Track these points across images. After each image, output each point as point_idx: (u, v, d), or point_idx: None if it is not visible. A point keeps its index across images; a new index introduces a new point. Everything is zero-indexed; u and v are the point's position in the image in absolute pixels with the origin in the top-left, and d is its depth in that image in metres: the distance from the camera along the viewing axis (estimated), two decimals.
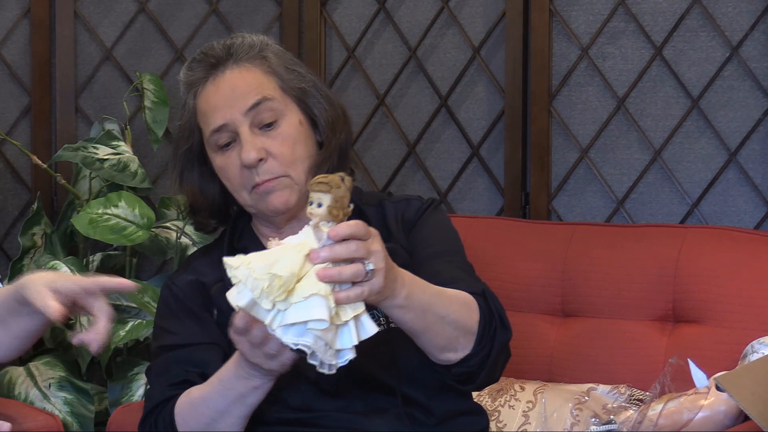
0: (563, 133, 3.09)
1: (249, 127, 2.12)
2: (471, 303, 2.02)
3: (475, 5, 3.18)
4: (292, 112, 2.15)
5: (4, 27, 3.31)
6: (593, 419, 2.42)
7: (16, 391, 2.84)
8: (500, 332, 2.04)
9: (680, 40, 3.00)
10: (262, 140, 2.12)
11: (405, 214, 2.21)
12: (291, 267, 1.75)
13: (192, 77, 2.18)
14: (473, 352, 2.01)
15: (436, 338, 1.97)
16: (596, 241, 2.72)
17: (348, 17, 3.28)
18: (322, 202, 1.78)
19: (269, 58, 2.17)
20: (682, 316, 2.60)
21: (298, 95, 2.17)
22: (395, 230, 2.18)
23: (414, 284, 1.93)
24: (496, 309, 2.05)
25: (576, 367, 2.62)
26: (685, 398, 2.27)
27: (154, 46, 3.35)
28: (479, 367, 2.02)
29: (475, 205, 3.18)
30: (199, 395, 2.03)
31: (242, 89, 2.13)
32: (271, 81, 2.15)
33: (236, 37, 2.20)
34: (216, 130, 2.14)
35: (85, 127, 3.31)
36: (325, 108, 2.19)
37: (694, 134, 3.00)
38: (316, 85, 2.20)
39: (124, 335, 2.88)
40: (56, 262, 2.91)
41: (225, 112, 2.12)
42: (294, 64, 2.20)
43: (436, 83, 3.21)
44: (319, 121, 2.18)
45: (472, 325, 2.00)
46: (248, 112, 2.12)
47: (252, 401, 1.99)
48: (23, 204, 3.33)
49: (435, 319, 1.95)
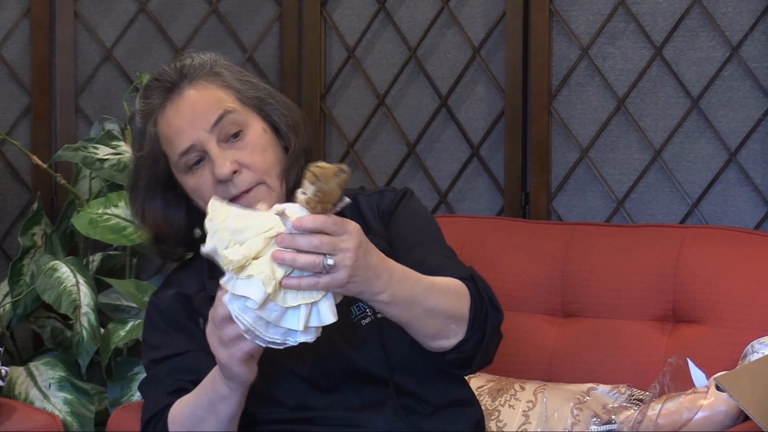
0: (563, 133, 3.10)
1: (216, 142, 2.12)
2: (462, 290, 2.04)
3: (475, 5, 3.18)
4: (255, 121, 2.16)
5: (4, 27, 3.31)
6: (593, 419, 2.43)
7: (16, 391, 2.84)
8: (492, 314, 2.05)
9: (680, 40, 3.00)
10: (232, 153, 2.12)
11: (380, 206, 2.23)
12: (246, 250, 1.79)
13: (149, 105, 2.17)
14: (466, 338, 2.02)
15: (424, 329, 1.99)
16: (596, 241, 2.72)
17: (348, 17, 3.28)
18: (306, 191, 1.82)
19: (222, 73, 2.18)
20: (682, 316, 2.60)
21: (256, 104, 2.18)
22: (373, 222, 2.20)
23: (402, 281, 1.94)
24: (485, 292, 2.07)
25: (576, 366, 2.62)
26: (685, 398, 2.27)
27: (154, 46, 3.35)
28: (474, 351, 2.04)
29: (475, 205, 3.18)
30: (185, 403, 2.05)
31: (202, 107, 2.13)
32: (229, 94, 2.16)
33: (185, 57, 2.20)
34: (184, 152, 2.13)
35: (85, 127, 3.31)
36: (283, 113, 2.20)
37: (694, 134, 3.00)
38: (271, 93, 2.22)
39: (123, 335, 2.88)
40: (56, 262, 2.91)
41: (190, 132, 2.12)
42: (246, 76, 2.22)
43: (436, 83, 3.21)
44: (281, 127, 2.19)
45: (464, 312, 2.02)
46: (213, 128, 2.12)
47: (222, 411, 1.99)
48: (23, 204, 3.33)
49: (423, 312, 1.97)
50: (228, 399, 1.98)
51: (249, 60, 3.31)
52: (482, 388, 2.58)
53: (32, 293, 2.96)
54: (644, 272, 2.63)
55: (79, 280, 2.88)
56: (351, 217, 2.05)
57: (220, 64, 2.20)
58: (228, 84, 2.17)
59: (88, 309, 2.84)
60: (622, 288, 2.65)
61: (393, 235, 2.19)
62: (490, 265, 2.73)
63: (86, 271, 2.92)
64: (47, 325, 3.08)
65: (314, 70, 3.27)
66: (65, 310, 2.83)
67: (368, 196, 2.25)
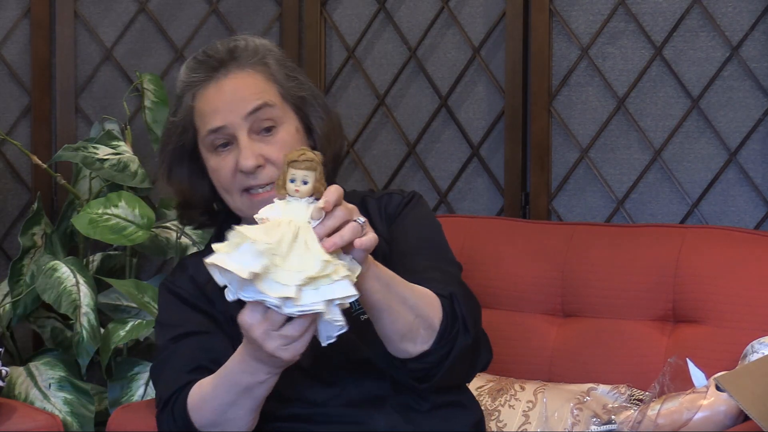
0: (563, 133, 3.09)
1: (247, 132, 2.13)
2: (434, 299, 2.03)
3: (475, 5, 3.18)
4: (290, 119, 2.17)
5: (4, 27, 3.31)
6: (593, 419, 2.42)
7: (16, 391, 2.84)
8: (461, 336, 2.03)
9: (680, 40, 3.00)
10: (260, 146, 2.13)
11: (387, 208, 2.24)
12: (299, 265, 1.80)
13: (192, 78, 2.19)
14: (431, 349, 2.01)
15: (398, 322, 1.98)
16: (596, 241, 2.72)
17: (348, 17, 3.28)
18: (308, 179, 1.82)
19: (271, 64, 2.19)
20: (682, 316, 2.60)
21: (297, 103, 2.19)
22: (379, 224, 2.20)
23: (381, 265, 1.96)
24: (461, 312, 2.05)
25: (576, 366, 2.62)
26: (685, 398, 2.27)
27: (154, 47, 3.35)
28: (436, 367, 2.03)
29: (475, 205, 3.18)
30: (209, 389, 2.03)
31: (243, 93, 2.14)
32: (272, 88, 2.17)
33: (239, 39, 2.21)
34: (213, 131, 2.14)
35: (85, 127, 3.31)
36: (321, 117, 2.20)
37: (694, 134, 3.00)
38: (314, 94, 2.22)
39: (123, 335, 2.88)
40: (56, 262, 2.91)
41: (225, 114, 2.13)
42: (294, 71, 2.22)
43: (436, 83, 3.21)
44: (315, 131, 2.19)
45: (433, 319, 2.01)
46: (248, 117, 2.13)
47: (259, 394, 1.99)
48: (23, 204, 3.33)
49: (398, 298, 1.96)
50: (267, 381, 1.96)
51: None
52: (482, 388, 2.58)
53: (32, 293, 2.96)
54: (644, 272, 2.63)
55: (79, 280, 2.88)
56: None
57: (272, 54, 2.20)
58: (274, 77, 2.17)
59: (88, 309, 2.84)
60: (622, 288, 2.65)
61: (393, 237, 2.19)
62: (490, 265, 2.73)
63: (86, 271, 2.92)
64: (47, 325, 3.08)
65: (314, 70, 3.27)
66: (65, 310, 2.83)
67: (377, 199, 2.25)
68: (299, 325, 1.84)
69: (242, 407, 2.00)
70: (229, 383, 1.99)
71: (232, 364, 1.98)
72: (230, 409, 2.00)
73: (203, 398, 2.03)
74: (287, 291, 1.80)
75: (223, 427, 2.02)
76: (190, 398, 2.05)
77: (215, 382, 2.02)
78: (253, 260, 1.80)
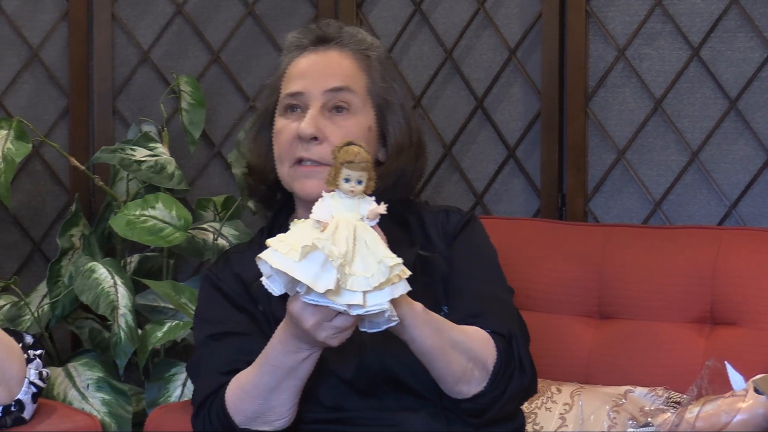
0: (600, 135, 3.09)
1: (321, 105, 2.15)
2: (488, 340, 2.03)
3: (511, 6, 3.17)
4: (367, 115, 2.17)
5: (42, 30, 3.33)
6: (630, 422, 2.42)
7: (54, 392, 2.85)
8: (517, 376, 2.04)
9: (718, 41, 2.99)
10: (325, 123, 2.14)
11: (445, 226, 2.23)
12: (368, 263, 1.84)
13: (296, 42, 2.23)
14: (485, 390, 2.02)
15: (451, 365, 1.98)
16: (633, 243, 2.71)
17: (384, 19, 3.28)
18: (362, 179, 1.85)
19: (371, 58, 2.21)
20: (719, 318, 2.59)
21: (379, 103, 2.19)
22: (436, 240, 2.20)
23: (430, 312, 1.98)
24: (518, 353, 2.05)
25: (613, 369, 2.61)
26: (723, 401, 2.26)
27: (191, 48, 3.36)
28: (490, 406, 2.03)
29: (511, 207, 3.18)
30: (249, 378, 2.03)
31: (332, 70, 2.17)
32: (362, 78, 2.18)
33: (353, 28, 2.26)
34: (291, 94, 2.18)
35: (123, 129, 3.32)
36: (401, 129, 2.20)
37: (731, 135, 2.98)
38: (404, 107, 2.22)
39: (161, 336, 2.89)
40: (94, 264, 2.93)
41: (308, 82, 2.16)
42: (392, 79, 2.23)
43: (472, 84, 3.20)
44: (389, 138, 2.19)
45: (487, 361, 2.01)
46: (326, 93, 2.15)
47: (303, 373, 2.00)
48: (61, 206, 3.35)
49: (450, 342, 1.97)
50: (310, 358, 1.97)
51: None
52: None
53: (70, 294, 2.97)
54: (682, 274, 2.62)
55: (117, 282, 2.89)
56: (415, 230, 2.08)
57: (377, 52, 2.23)
58: (369, 69, 2.19)
59: (125, 310, 2.85)
60: (659, 290, 2.64)
61: (452, 259, 2.19)
62: (526, 266, 2.72)
63: (124, 273, 2.94)
64: (85, 326, 3.10)
65: None
66: (103, 311, 2.85)
67: (434, 213, 2.25)
68: (352, 319, 1.87)
69: (285, 391, 2.00)
70: (273, 367, 1.99)
71: (272, 349, 1.99)
72: (272, 395, 2.01)
73: (243, 389, 2.04)
74: (356, 298, 1.82)
75: (266, 417, 2.02)
76: (228, 394, 2.05)
77: (255, 370, 2.02)
78: (324, 273, 1.81)
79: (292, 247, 1.82)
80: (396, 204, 2.18)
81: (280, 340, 1.96)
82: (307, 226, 1.86)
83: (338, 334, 1.89)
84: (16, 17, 3.31)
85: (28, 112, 3.30)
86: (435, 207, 2.28)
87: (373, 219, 1.87)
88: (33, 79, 3.34)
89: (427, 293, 2.13)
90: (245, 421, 2.03)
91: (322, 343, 1.91)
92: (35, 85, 3.34)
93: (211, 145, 3.35)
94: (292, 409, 2.03)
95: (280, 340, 1.97)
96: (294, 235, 1.85)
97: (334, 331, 1.88)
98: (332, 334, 1.88)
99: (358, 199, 1.86)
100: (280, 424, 2.03)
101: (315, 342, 1.91)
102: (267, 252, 1.84)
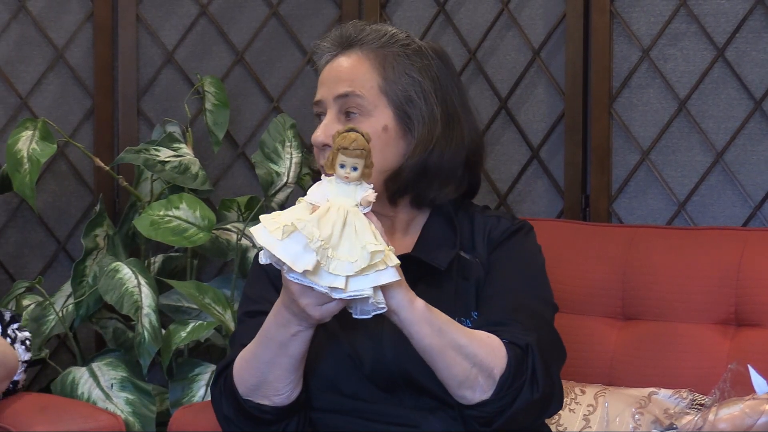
0: (624, 135, 3.08)
1: (336, 111, 2.17)
2: (497, 348, 2.01)
3: (535, 7, 3.17)
4: (381, 115, 2.16)
5: (67, 31, 3.34)
6: (654, 423, 2.41)
7: (79, 391, 2.86)
8: (527, 390, 2.01)
9: (743, 41, 2.97)
10: (340, 128, 2.13)
11: (492, 232, 2.21)
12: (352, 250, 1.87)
13: (320, 47, 2.25)
14: (491, 399, 1.99)
15: (452, 367, 1.97)
16: (657, 244, 2.70)
17: (408, 19, 3.28)
18: (358, 166, 1.88)
19: (390, 54, 2.19)
20: (744, 319, 2.58)
21: (398, 100, 2.17)
22: (479, 243, 2.19)
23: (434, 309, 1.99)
24: (532, 365, 2.02)
25: (637, 370, 2.60)
26: (746, 403, 2.26)
27: (215, 49, 3.37)
28: (497, 415, 2.01)
29: (535, 208, 3.17)
30: (249, 350, 2.07)
31: (343, 76, 2.18)
32: (373, 78, 2.17)
33: (376, 22, 2.27)
34: (314, 103, 2.21)
35: (147, 130, 3.33)
36: (424, 123, 2.17)
37: (756, 136, 2.97)
38: (427, 98, 2.18)
39: (185, 336, 2.90)
40: (118, 264, 2.94)
41: (324, 90, 2.19)
42: (421, 71, 2.19)
43: (495, 85, 3.20)
44: (414, 134, 2.17)
45: (493, 370, 1.99)
46: (337, 99, 2.17)
47: (294, 351, 2.01)
48: (86, 206, 3.36)
49: (452, 344, 1.97)
50: (299, 336, 1.99)
51: (309, 63, 3.32)
52: None
53: (95, 294, 2.99)
54: (706, 275, 2.61)
55: (141, 282, 2.90)
56: (463, 234, 2.08)
57: (398, 46, 2.20)
58: (382, 66, 2.18)
59: (149, 310, 2.86)
60: (683, 291, 2.63)
61: (491, 265, 2.17)
62: (550, 267, 2.70)
63: (147, 273, 2.95)
64: (109, 325, 3.11)
65: None
66: (127, 311, 2.85)
67: (486, 218, 2.23)
68: (342, 304, 1.91)
69: (279, 367, 2.02)
70: (267, 339, 2.02)
71: (268, 321, 2.03)
72: (268, 369, 2.03)
73: (246, 359, 2.07)
74: (337, 282, 1.85)
75: (263, 391, 2.05)
76: (235, 365, 2.09)
77: (255, 342, 2.06)
78: (306, 254, 1.85)
79: (278, 226, 1.85)
80: (448, 204, 2.20)
81: (274, 312, 2.01)
82: (301, 207, 1.90)
83: (331, 314, 1.94)
84: (41, 18, 3.33)
85: (53, 113, 3.31)
86: (491, 212, 2.26)
87: (366, 206, 1.89)
88: (58, 79, 3.35)
89: (459, 295, 2.13)
90: (247, 392, 2.06)
91: (309, 317, 1.94)
92: (60, 86, 3.35)
93: (235, 146, 3.35)
94: (290, 386, 2.05)
95: (274, 311, 2.01)
96: (285, 214, 1.89)
97: (325, 313, 1.93)
98: (325, 314, 1.94)
99: (355, 185, 1.89)
100: (278, 400, 2.05)
101: (303, 315, 1.94)
102: (256, 227, 1.88)
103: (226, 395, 2.10)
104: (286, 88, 3.33)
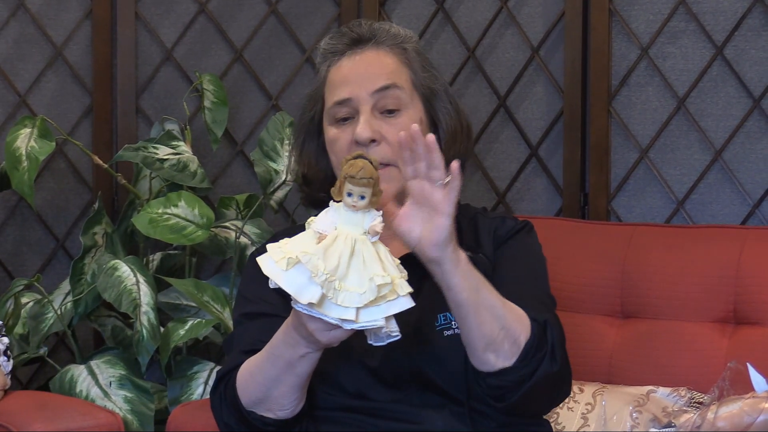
0: (623, 134, 3.08)
1: (371, 108, 2.14)
2: (524, 317, 2.02)
3: (534, 5, 3.17)
4: (416, 108, 2.17)
5: (66, 28, 3.34)
6: (652, 422, 2.41)
7: (77, 389, 2.86)
8: (547, 361, 2.02)
9: (741, 39, 2.97)
10: (380, 124, 2.13)
11: (498, 230, 2.22)
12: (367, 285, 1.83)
13: (331, 47, 2.21)
14: (512, 366, 1.99)
15: (483, 326, 1.96)
16: (656, 242, 2.70)
17: (407, 17, 3.28)
18: (365, 195, 1.83)
19: (409, 51, 2.20)
20: (743, 317, 2.58)
21: (426, 94, 2.19)
22: (485, 243, 2.19)
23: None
24: (552, 339, 2.03)
25: (635, 368, 2.61)
26: (745, 401, 2.26)
27: (214, 47, 3.37)
28: (515, 387, 2.01)
29: (533, 206, 3.17)
30: (255, 363, 2.05)
31: (375, 70, 2.16)
32: (405, 72, 2.18)
33: (384, 23, 2.25)
34: (338, 103, 2.16)
35: (146, 128, 3.33)
36: (450, 114, 2.19)
37: (755, 134, 2.97)
38: (448, 91, 2.22)
39: (183, 334, 2.90)
40: (117, 262, 2.94)
41: (353, 87, 2.15)
42: (431, 66, 2.23)
43: (494, 83, 3.20)
44: (441, 126, 2.18)
45: (519, 335, 2.00)
46: (374, 94, 2.14)
47: (301, 371, 2.00)
48: (84, 203, 3.36)
49: (485, 303, 1.96)
50: (307, 357, 1.98)
51: (308, 61, 3.32)
52: None
53: (93, 292, 2.99)
54: (705, 273, 2.61)
55: (139, 280, 2.90)
56: (468, 237, 2.07)
57: (412, 42, 2.22)
58: (409, 62, 2.19)
59: (148, 308, 2.86)
60: (682, 289, 2.63)
61: (498, 261, 2.18)
62: (549, 265, 2.71)
63: (146, 271, 2.95)
64: (108, 323, 3.11)
65: None
66: (125, 309, 2.85)
67: (489, 219, 2.24)
68: (346, 332, 1.88)
69: (285, 384, 2.01)
70: (274, 356, 2.00)
71: (276, 338, 2.00)
72: (274, 385, 2.01)
73: (250, 372, 2.05)
74: (347, 314, 1.82)
75: (267, 404, 2.03)
76: (239, 374, 2.07)
77: (261, 356, 2.04)
78: (311, 286, 1.81)
79: (283, 256, 1.82)
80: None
81: (283, 331, 1.99)
82: (308, 236, 1.85)
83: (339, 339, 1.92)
84: (40, 16, 3.33)
85: (52, 111, 3.31)
86: (492, 214, 2.27)
87: (374, 236, 1.85)
88: (57, 77, 3.35)
89: None
90: (250, 403, 2.05)
91: (317, 341, 1.93)
92: (59, 84, 3.35)
93: (234, 144, 3.35)
94: (295, 402, 2.04)
95: (283, 331, 1.99)
96: (292, 243, 1.84)
97: (334, 338, 1.91)
98: (333, 339, 1.92)
99: (363, 213, 1.85)
100: (282, 414, 2.04)
101: (311, 338, 1.92)
102: (262, 257, 1.85)
103: (227, 404, 2.08)
104: (285, 86, 3.33)
